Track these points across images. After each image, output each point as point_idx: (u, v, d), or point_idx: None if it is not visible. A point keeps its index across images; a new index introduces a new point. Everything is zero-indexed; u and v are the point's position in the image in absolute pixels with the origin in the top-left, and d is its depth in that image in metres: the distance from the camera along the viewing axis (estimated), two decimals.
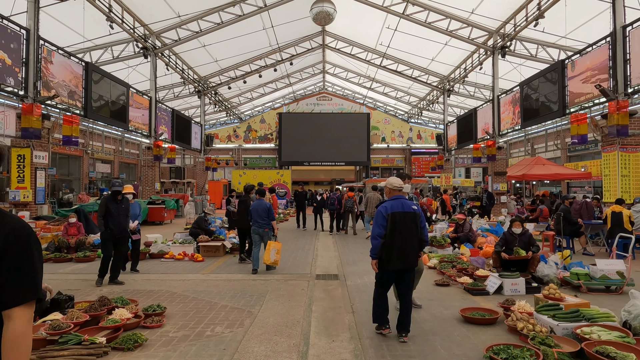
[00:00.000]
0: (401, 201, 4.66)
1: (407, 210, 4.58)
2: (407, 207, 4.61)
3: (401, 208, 4.58)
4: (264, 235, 8.48)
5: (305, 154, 33.23)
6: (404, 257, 4.52)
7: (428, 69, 25.59)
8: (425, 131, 34.79)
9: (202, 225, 11.03)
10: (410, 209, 4.61)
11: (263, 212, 8.45)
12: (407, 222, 4.54)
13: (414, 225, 4.58)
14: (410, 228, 4.55)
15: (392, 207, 4.58)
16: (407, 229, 4.52)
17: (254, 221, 8.52)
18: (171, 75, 22.58)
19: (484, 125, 20.73)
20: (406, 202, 4.67)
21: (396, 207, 4.59)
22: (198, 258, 9.62)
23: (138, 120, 18.21)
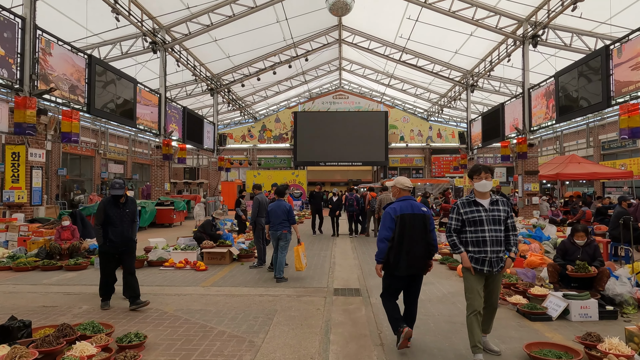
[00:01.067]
0: (410, 202, 4.35)
1: (417, 212, 4.27)
2: (417, 208, 4.30)
3: (410, 210, 4.27)
4: (282, 238, 7.65)
5: (321, 154, 32.02)
6: (414, 262, 4.20)
7: (450, 63, 24.10)
8: (445, 129, 33.21)
9: (208, 230, 9.90)
10: (420, 211, 4.29)
11: (282, 213, 7.64)
12: (416, 225, 4.22)
13: (424, 229, 4.26)
14: (420, 231, 4.23)
15: (401, 209, 4.27)
16: (416, 232, 4.21)
17: (272, 224, 7.70)
18: (182, 72, 21.64)
19: (513, 121, 19.18)
20: (416, 204, 4.35)
21: (405, 208, 4.28)
22: (200, 267, 8.46)
23: (147, 118, 17.26)
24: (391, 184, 4.85)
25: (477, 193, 4.12)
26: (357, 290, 6.84)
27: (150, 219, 15.93)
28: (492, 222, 3.98)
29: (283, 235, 7.62)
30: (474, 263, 4.00)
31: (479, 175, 4.11)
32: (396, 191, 4.57)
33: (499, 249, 3.99)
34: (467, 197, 4.17)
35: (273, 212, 7.69)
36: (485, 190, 4.07)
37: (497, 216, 4.00)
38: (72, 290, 6.84)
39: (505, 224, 4.06)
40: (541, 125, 17.03)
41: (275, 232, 7.66)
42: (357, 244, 12.26)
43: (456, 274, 7.96)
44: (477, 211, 4.02)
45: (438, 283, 7.31)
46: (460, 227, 4.12)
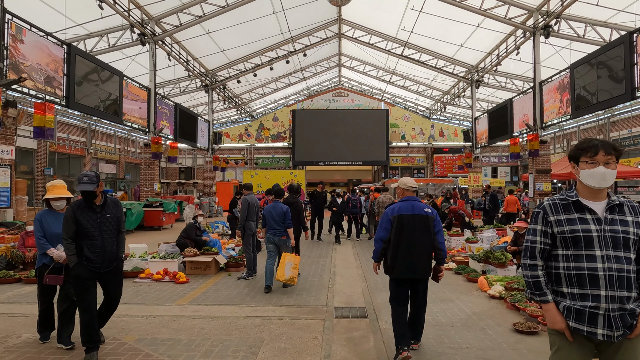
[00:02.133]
0: (412, 203, 4.12)
1: (418, 213, 4.04)
2: (418, 209, 4.07)
3: (411, 210, 4.05)
4: (280, 244, 6.91)
5: (320, 153, 30.83)
6: (412, 265, 3.98)
7: (454, 58, 22.93)
8: (448, 128, 32.03)
9: (192, 235, 8.72)
10: (422, 212, 4.05)
11: (279, 216, 6.87)
12: (416, 226, 4.01)
13: (425, 230, 4.01)
14: (421, 233, 4.00)
15: (400, 209, 4.08)
16: (416, 234, 3.99)
17: (269, 227, 6.95)
18: (174, 67, 20.44)
19: (523, 117, 18.02)
20: (417, 204, 4.11)
21: (405, 209, 4.07)
22: (180, 279, 7.28)
23: (134, 114, 16.08)
24: (395, 185, 4.57)
25: (584, 189, 2.28)
26: (363, 310, 5.66)
27: (137, 222, 14.76)
28: (613, 244, 2.16)
29: (282, 242, 6.85)
30: (574, 320, 2.19)
31: (593, 155, 2.24)
32: (400, 192, 4.30)
33: (626, 293, 2.13)
34: (563, 195, 2.36)
35: (269, 214, 6.89)
36: (603, 185, 2.21)
37: (623, 233, 2.17)
38: (21, 311, 5.66)
39: (638, 247, 2.21)
40: (554, 120, 15.85)
41: (273, 238, 6.88)
42: (359, 250, 11.07)
43: (477, 287, 6.78)
44: (582, 221, 2.22)
45: (458, 300, 6.14)
46: (549, 247, 2.33)
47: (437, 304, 5.88)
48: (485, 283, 6.48)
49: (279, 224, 6.80)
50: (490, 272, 7.34)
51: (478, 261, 7.70)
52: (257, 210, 7.78)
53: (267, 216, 6.89)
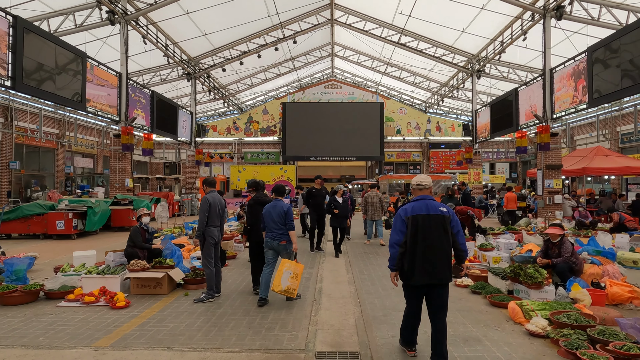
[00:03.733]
0: (426, 202, 3.70)
1: (433, 213, 3.62)
2: (433, 209, 3.65)
3: (425, 210, 3.64)
4: (280, 250, 5.87)
5: (311, 148, 29.02)
6: (431, 270, 3.55)
7: (454, 46, 21.23)
8: (445, 122, 30.36)
9: (138, 241, 6.93)
10: (438, 211, 3.64)
11: (279, 217, 5.87)
12: (432, 227, 3.59)
13: (443, 231, 3.60)
14: (438, 234, 3.59)
15: (413, 210, 3.67)
16: (433, 236, 3.58)
17: (268, 230, 5.95)
18: (152, 52, 18.50)
19: (531, 108, 16.35)
20: (432, 203, 3.69)
21: (419, 209, 3.66)
22: (118, 302, 5.50)
23: (102, 100, 14.18)
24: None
25: None
26: (356, 357, 3.93)
27: (101, 222, 12.91)
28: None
29: (282, 247, 5.83)
30: None
31: None
32: (413, 191, 3.92)
33: None
34: None
35: (268, 215, 5.91)
36: None
37: None
38: None
39: None
40: (569, 110, 14.19)
41: (272, 242, 5.84)
42: (352, 257, 9.33)
43: (506, 315, 5.07)
44: None
45: (487, 339, 4.40)
46: None
47: (459, 347, 4.16)
48: (519, 312, 4.76)
49: (279, 226, 5.80)
50: (519, 293, 5.64)
51: (502, 277, 5.99)
52: (221, 211, 6.03)
53: (266, 217, 5.89)
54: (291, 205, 22.76)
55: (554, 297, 5.38)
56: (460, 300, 5.81)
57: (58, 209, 12.00)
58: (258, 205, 6.42)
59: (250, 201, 6.50)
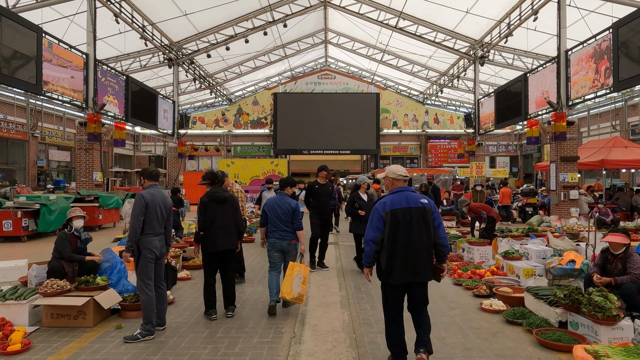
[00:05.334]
0: (405, 194, 3.34)
1: (414, 206, 3.28)
2: (414, 201, 3.30)
3: (405, 203, 3.29)
4: (289, 250, 5.15)
5: (304, 141, 27.31)
6: (412, 268, 3.22)
7: (455, 31, 19.56)
8: (443, 114, 28.71)
9: (65, 251, 5.23)
10: (418, 204, 3.29)
11: (285, 215, 5.10)
12: (413, 221, 3.24)
13: (424, 225, 3.26)
14: (419, 229, 3.25)
15: (392, 203, 3.30)
16: (414, 230, 3.24)
17: (272, 229, 5.14)
18: (128, 34, 16.64)
19: (542, 95, 14.72)
20: (412, 195, 3.34)
21: (398, 202, 3.30)
22: (10, 344, 3.79)
23: (63, 84, 12.36)
24: (382, 175, 3.63)
25: None
26: None
27: (60, 221, 11.12)
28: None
29: (292, 247, 5.13)
30: None
31: None
32: (389, 182, 3.49)
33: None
34: None
35: (272, 211, 5.15)
36: None
37: None
38: None
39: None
40: (588, 95, 12.55)
41: (280, 242, 5.09)
42: (346, 267, 7.66)
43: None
44: None
45: None
46: None
47: None
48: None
49: (287, 224, 5.08)
50: (578, 328, 4.00)
51: (549, 302, 4.35)
52: (165, 214, 4.34)
53: (271, 214, 5.13)
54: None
55: (633, 334, 3.74)
56: (494, 335, 4.17)
57: (5, 207, 10.24)
58: (214, 204, 4.75)
59: (203, 198, 4.81)
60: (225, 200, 4.82)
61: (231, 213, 4.84)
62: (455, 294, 5.73)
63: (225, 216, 4.78)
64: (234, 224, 4.85)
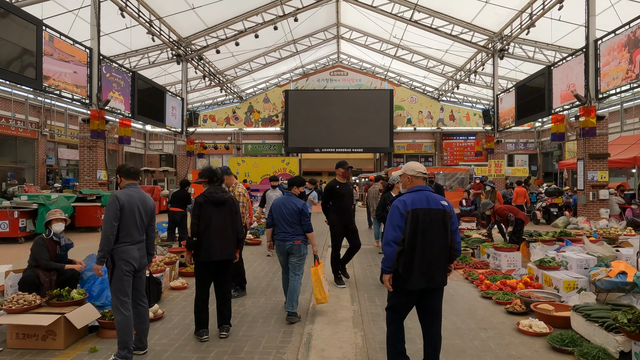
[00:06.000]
0: (425, 194, 3.08)
1: (434, 207, 3.04)
2: (434, 202, 3.06)
3: (426, 204, 3.03)
4: (294, 251, 4.65)
5: (316, 139, 26.60)
6: (430, 273, 3.00)
7: (473, 24, 18.64)
8: (459, 111, 27.70)
9: (42, 259, 4.63)
10: (439, 205, 3.05)
11: (292, 215, 4.68)
12: (433, 224, 3.02)
13: (443, 229, 3.04)
14: (438, 232, 3.03)
15: (413, 202, 3.03)
16: (433, 233, 3.01)
17: (278, 230, 4.73)
18: (135, 30, 16.20)
19: (568, 88, 13.75)
20: (432, 196, 3.09)
21: (419, 201, 3.04)
22: None
23: (66, 79, 11.88)
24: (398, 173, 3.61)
25: None
26: None
27: None
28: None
29: (296, 248, 4.67)
30: None
31: None
32: (407, 180, 3.22)
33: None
34: None
35: (278, 212, 4.78)
36: None
37: None
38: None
39: None
40: (620, 87, 11.56)
41: (284, 244, 4.70)
42: (358, 273, 6.92)
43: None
44: None
45: None
46: None
47: None
48: None
49: (293, 226, 4.71)
50: None
51: (607, 328, 3.56)
52: (145, 219, 3.67)
53: (276, 214, 4.82)
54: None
55: None
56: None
57: (2, 207, 9.77)
58: (210, 206, 4.08)
59: (198, 198, 4.14)
60: (224, 203, 4.15)
61: (229, 217, 4.17)
62: (485, 309, 4.95)
63: (222, 221, 4.12)
64: (233, 230, 4.18)
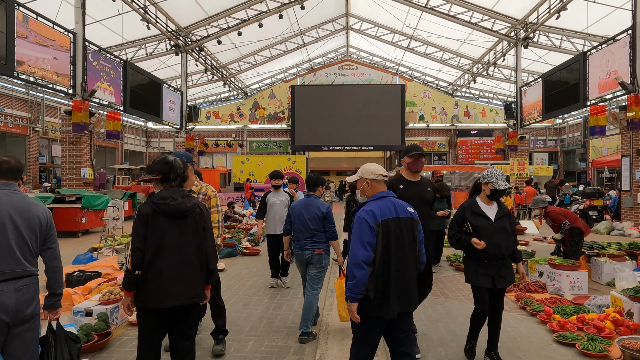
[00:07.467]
0: (392, 201, 2.58)
1: (403, 216, 2.54)
2: (402, 210, 2.56)
3: (395, 212, 2.52)
4: (314, 262, 3.98)
5: (323, 137, 25.05)
6: (406, 294, 2.49)
7: (494, 10, 16.96)
8: (475, 107, 25.97)
9: None
10: (407, 213, 2.57)
11: (314, 221, 4.00)
12: (404, 236, 2.51)
13: (413, 240, 2.57)
14: (410, 244, 2.54)
15: (382, 212, 2.49)
16: (405, 247, 2.50)
17: (297, 237, 4.08)
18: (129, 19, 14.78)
19: (607, 76, 12.03)
20: (399, 203, 2.59)
21: (387, 211, 2.51)
22: None
23: (44, 65, 10.47)
24: (353, 178, 2.84)
25: None
26: None
27: None
28: None
29: (316, 258, 3.97)
30: None
31: None
32: (366, 186, 2.67)
33: None
34: None
35: (298, 216, 4.06)
36: None
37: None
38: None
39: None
40: None
41: (303, 253, 4.00)
42: None
43: None
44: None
45: None
46: None
47: None
48: None
49: (315, 233, 3.96)
50: None
51: None
52: (26, 236, 2.15)
53: (296, 219, 4.08)
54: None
55: None
56: None
57: None
58: (163, 220, 2.54)
59: (143, 207, 2.59)
60: (185, 214, 2.60)
61: (194, 237, 2.61)
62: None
63: (182, 243, 2.57)
64: (199, 257, 2.63)
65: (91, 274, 5.20)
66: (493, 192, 3.30)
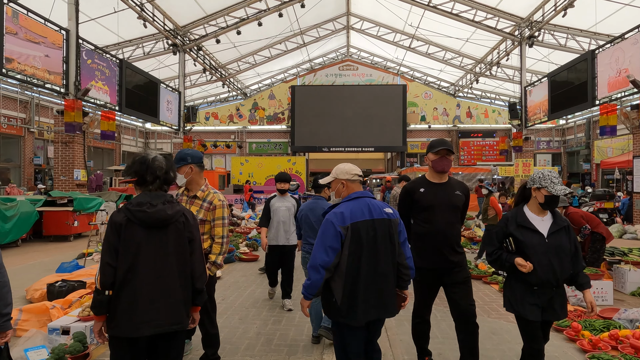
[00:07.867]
0: (365, 201, 2.38)
1: (378, 217, 2.34)
2: (377, 211, 2.36)
3: (368, 214, 2.33)
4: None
5: (324, 138, 24.65)
6: (378, 301, 2.32)
7: (498, 8, 16.57)
8: (477, 107, 25.59)
9: None
10: (383, 215, 2.36)
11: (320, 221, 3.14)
12: (379, 239, 2.32)
13: (390, 243, 2.35)
14: (385, 248, 2.34)
15: (352, 214, 2.31)
16: (379, 251, 2.32)
17: (305, 240, 3.93)
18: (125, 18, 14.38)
19: (617, 74, 11.63)
20: (374, 203, 2.39)
21: (359, 213, 2.32)
22: None
23: (35, 63, 10.05)
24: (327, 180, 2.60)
25: None
26: None
27: (22, 229, 8.80)
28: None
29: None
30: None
31: None
32: (340, 187, 2.49)
33: None
34: None
35: (304, 219, 3.89)
36: None
37: None
38: None
39: None
40: None
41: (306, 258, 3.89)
42: None
43: None
44: None
45: None
46: None
47: None
48: None
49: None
50: None
51: None
52: None
53: (303, 222, 3.95)
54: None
55: None
56: None
57: None
58: (139, 231, 2.11)
59: (116, 216, 2.16)
60: (165, 224, 2.16)
61: (176, 251, 2.18)
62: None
63: (161, 257, 2.13)
64: (181, 274, 2.19)
65: (75, 284, 4.78)
66: (548, 200, 2.59)
